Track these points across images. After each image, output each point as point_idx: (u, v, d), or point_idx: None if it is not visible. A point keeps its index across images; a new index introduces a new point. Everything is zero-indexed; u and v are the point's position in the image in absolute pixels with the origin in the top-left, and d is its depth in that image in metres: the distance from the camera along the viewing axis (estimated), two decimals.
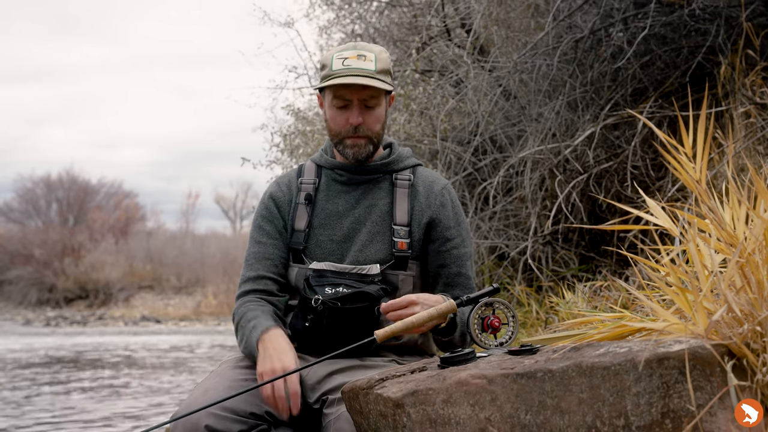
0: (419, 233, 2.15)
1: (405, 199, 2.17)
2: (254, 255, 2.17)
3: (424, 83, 6.03)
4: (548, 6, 5.16)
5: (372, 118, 2.12)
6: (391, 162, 2.21)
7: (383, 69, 2.11)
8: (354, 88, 2.08)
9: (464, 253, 2.18)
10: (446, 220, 2.17)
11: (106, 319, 24.21)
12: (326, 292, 2.04)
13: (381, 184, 2.20)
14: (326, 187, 2.21)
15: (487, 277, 5.23)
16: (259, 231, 2.20)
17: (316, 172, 2.24)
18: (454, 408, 1.48)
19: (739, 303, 1.34)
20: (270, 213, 2.21)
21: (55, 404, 7.30)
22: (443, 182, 2.24)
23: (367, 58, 2.09)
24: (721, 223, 1.56)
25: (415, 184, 2.20)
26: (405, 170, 2.22)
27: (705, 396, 1.25)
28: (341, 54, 2.10)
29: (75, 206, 34.81)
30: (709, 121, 2.03)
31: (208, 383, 1.96)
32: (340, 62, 2.09)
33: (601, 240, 5.03)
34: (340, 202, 2.18)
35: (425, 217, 2.16)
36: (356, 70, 2.06)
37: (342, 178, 2.20)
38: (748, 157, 3.65)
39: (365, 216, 2.15)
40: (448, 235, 2.16)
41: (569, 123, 5.10)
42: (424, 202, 2.17)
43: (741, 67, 4.15)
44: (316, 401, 1.98)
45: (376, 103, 2.11)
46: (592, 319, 1.69)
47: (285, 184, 2.25)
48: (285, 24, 7.35)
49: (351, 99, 2.09)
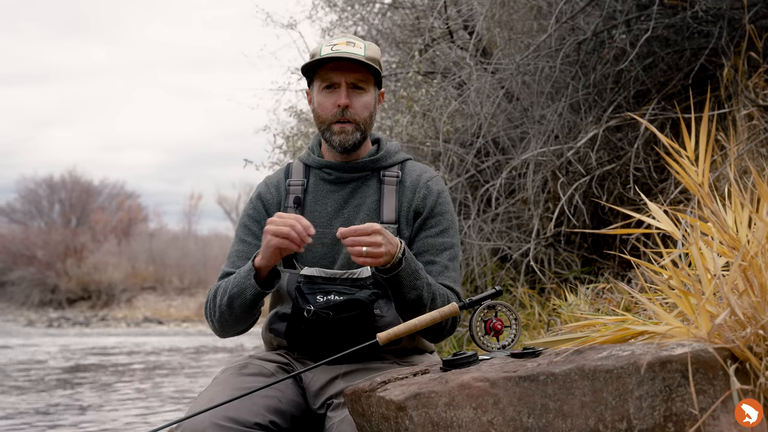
0: (408, 230, 2.11)
1: (393, 196, 2.12)
2: (237, 253, 2.14)
3: (426, 85, 6.04)
4: (551, 8, 5.16)
5: (360, 102, 2.08)
6: (379, 158, 2.16)
7: (372, 57, 2.08)
8: (342, 69, 2.05)
9: (441, 242, 2.10)
10: (427, 210, 2.11)
11: (108, 320, 24.23)
12: (318, 301, 2.00)
13: (369, 182, 2.15)
14: (314, 188, 2.17)
15: (490, 279, 5.23)
16: (244, 230, 2.17)
17: (304, 172, 2.19)
18: (456, 411, 1.47)
19: (741, 306, 1.34)
20: (258, 213, 2.17)
21: (54, 404, 7.30)
22: (430, 174, 2.18)
23: (356, 45, 2.07)
24: (724, 226, 1.56)
25: (403, 180, 2.15)
26: (393, 166, 2.18)
27: (708, 399, 1.25)
28: (330, 42, 2.10)
29: (77, 207, 34.83)
30: (712, 123, 2.03)
31: (211, 392, 1.92)
32: (329, 48, 2.07)
33: (603, 242, 5.03)
34: (329, 203, 2.14)
35: (411, 211, 2.11)
36: (345, 53, 2.04)
37: (330, 177, 2.16)
38: (751, 160, 3.65)
39: (353, 216, 2.11)
40: (426, 225, 2.10)
41: (572, 125, 5.10)
42: (411, 197, 2.13)
43: (744, 70, 4.15)
44: (320, 406, 1.98)
45: (364, 87, 2.08)
46: (595, 322, 1.69)
47: (273, 186, 2.21)
48: (288, 26, 7.37)
49: (339, 81, 2.07)
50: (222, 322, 2.06)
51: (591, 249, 5.11)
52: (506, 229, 5.36)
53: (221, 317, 2.05)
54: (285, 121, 7.95)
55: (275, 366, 2.06)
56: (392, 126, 6.09)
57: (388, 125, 6.25)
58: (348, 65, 2.05)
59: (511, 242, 5.24)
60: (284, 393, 1.97)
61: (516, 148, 5.42)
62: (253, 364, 2.06)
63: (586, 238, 5.13)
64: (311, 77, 2.15)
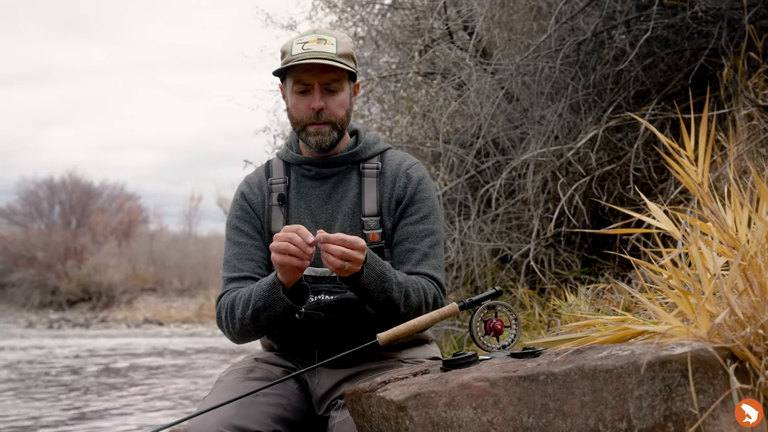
0: (391, 221, 2.07)
1: (373, 188, 2.09)
2: (235, 256, 2.09)
3: (426, 86, 6.04)
4: (551, 8, 5.16)
5: (335, 102, 2.04)
6: (358, 151, 2.13)
7: (344, 53, 2.04)
8: (314, 71, 2.01)
9: (422, 229, 2.05)
10: (407, 197, 2.07)
11: (108, 321, 24.22)
12: (308, 302, 1.97)
13: (349, 175, 2.12)
14: (296, 185, 2.13)
15: (490, 279, 5.23)
16: (236, 232, 2.12)
17: (285, 170, 2.16)
18: (456, 411, 1.48)
19: (741, 306, 1.34)
20: (246, 213, 2.14)
21: (55, 407, 7.30)
22: (410, 161, 2.14)
23: (327, 42, 2.02)
24: (724, 225, 1.56)
25: (383, 171, 2.11)
26: (373, 158, 2.14)
27: (707, 399, 1.25)
28: (301, 39, 2.04)
29: (78, 209, 34.82)
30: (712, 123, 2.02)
31: (218, 398, 1.88)
32: (299, 47, 2.02)
33: (603, 242, 5.03)
34: (312, 199, 2.11)
35: (393, 202, 2.08)
36: (316, 53, 1.99)
37: (310, 173, 2.13)
38: (751, 160, 3.65)
39: (336, 211, 2.08)
40: (407, 212, 2.07)
41: (572, 125, 5.10)
42: (391, 187, 2.09)
43: (743, 70, 4.15)
44: (325, 411, 1.98)
45: (338, 87, 2.04)
46: (595, 322, 1.69)
47: (256, 185, 2.17)
48: (287, 26, 7.36)
49: (311, 83, 2.02)
50: (243, 334, 2.02)
51: (591, 249, 5.11)
52: (506, 229, 5.36)
53: (243, 329, 2.00)
54: (285, 122, 7.93)
55: (282, 371, 2.05)
56: (392, 127, 6.09)
57: (388, 126, 6.25)
58: (320, 66, 2.01)
59: (511, 243, 5.24)
60: (290, 401, 1.96)
61: (516, 148, 5.42)
62: (260, 369, 2.05)
63: (586, 238, 5.13)
64: (283, 75, 2.10)
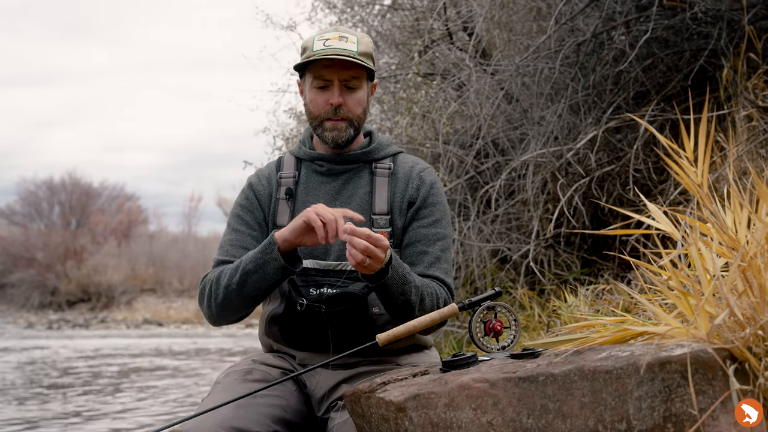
0: (401, 221, 2.09)
1: (385, 188, 2.11)
2: (230, 242, 2.11)
3: (426, 86, 6.04)
4: (550, 9, 5.16)
5: (353, 100, 2.07)
6: (371, 151, 2.15)
7: (365, 52, 2.06)
8: (335, 67, 2.03)
9: (434, 233, 2.07)
10: (420, 200, 2.09)
11: (108, 322, 24.21)
12: (310, 294, 1.98)
13: (361, 174, 2.14)
14: (306, 180, 2.14)
15: (489, 280, 5.23)
16: (237, 219, 2.14)
17: (296, 165, 2.17)
18: (456, 412, 1.48)
19: (741, 307, 1.34)
20: (250, 203, 2.15)
21: (54, 407, 7.30)
22: (423, 165, 2.17)
23: (349, 40, 2.05)
24: (723, 226, 1.56)
25: (395, 172, 2.14)
26: (385, 159, 2.16)
27: (707, 400, 1.25)
28: (322, 36, 2.07)
29: (77, 209, 34.81)
30: (711, 124, 2.01)
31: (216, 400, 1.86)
32: (321, 43, 2.04)
33: (603, 243, 5.03)
34: (321, 195, 2.12)
35: (405, 202, 2.10)
36: (337, 50, 2.02)
37: (322, 169, 2.14)
38: (750, 161, 3.65)
39: (345, 207, 2.06)
40: (419, 215, 2.09)
41: (571, 126, 5.10)
42: (404, 188, 2.11)
43: (743, 71, 4.15)
44: (325, 412, 1.97)
45: (357, 85, 2.07)
46: (594, 322, 1.69)
47: (265, 178, 2.18)
48: (287, 27, 7.36)
49: (331, 79, 2.04)
50: (224, 306, 2.00)
51: (591, 250, 5.11)
52: (506, 230, 5.36)
53: (226, 299, 1.98)
54: (284, 122, 7.93)
55: (279, 372, 2.05)
56: (392, 127, 6.09)
57: (388, 126, 6.25)
58: (341, 62, 2.03)
59: (510, 243, 5.24)
60: (289, 402, 1.96)
61: (515, 149, 5.43)
62: (258, 370, 2.04)
63: (585, 239, 5.13)
64: (303, 70, 2.12)
